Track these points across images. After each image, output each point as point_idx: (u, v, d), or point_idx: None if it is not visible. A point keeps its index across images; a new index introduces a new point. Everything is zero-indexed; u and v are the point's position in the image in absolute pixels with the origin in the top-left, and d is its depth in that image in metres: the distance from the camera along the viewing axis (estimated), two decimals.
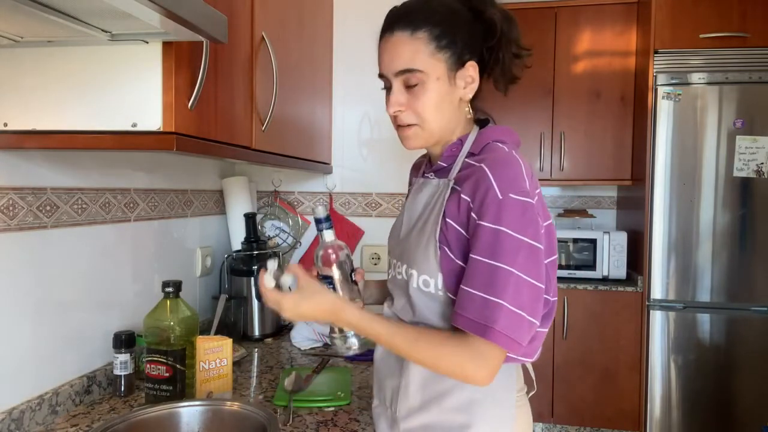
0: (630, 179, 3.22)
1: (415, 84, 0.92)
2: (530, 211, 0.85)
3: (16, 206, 1.08)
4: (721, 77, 2.79)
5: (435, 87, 0.92)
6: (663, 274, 2.87)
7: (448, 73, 0.92)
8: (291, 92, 1.56)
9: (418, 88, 0.92)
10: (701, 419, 2.84)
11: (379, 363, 1.05)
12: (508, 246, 0.83)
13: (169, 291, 1.23)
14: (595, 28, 3.23)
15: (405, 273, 0.98)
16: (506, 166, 0.87)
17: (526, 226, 0.84)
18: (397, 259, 1.02)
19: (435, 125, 0.95)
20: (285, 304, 0.93)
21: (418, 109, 0.93)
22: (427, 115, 0.93)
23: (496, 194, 0.84)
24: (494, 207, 0.84)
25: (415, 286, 0.94)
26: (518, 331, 0.83)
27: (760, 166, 2.75)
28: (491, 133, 0.97)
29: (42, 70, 0.96)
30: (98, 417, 1.17)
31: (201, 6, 0.82)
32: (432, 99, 0.92)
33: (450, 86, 0.93)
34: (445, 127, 0.96)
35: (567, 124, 3.28)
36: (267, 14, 1.36)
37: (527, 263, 0.83)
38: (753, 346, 2.78)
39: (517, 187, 0.85)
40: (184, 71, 0.95)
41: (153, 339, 1.20)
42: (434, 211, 0.94)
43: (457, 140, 0.98)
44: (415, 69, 0.91)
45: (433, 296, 0.93)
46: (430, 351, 0.87)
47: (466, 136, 0.98)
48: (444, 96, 0.93)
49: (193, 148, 1.01)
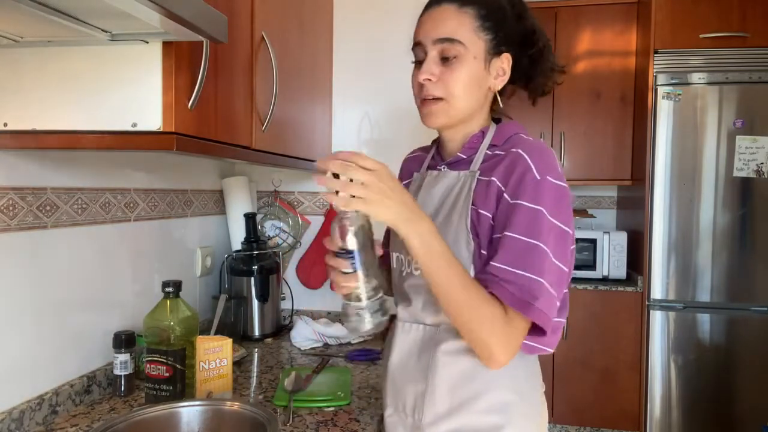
0: (630, 179, 3.22)
1: (451, 57, 0.91)
2: (566, 197, 0.86)
3: (16, 206, 1.08)
4: (721, 77, 2.79)
5: (471, 65, 0.91)
6: (663, 274, 2.87)
7: (485, 55, 0.93)
8: (291, 92, 1.56)
9: (454, 62, 0.91)
10: (701, 419, 2.83)
11: (397, 369, 1.00)
12: (545, 227, 0.83)
13: (169, 291, 1.23)
14: (595, 28, 3.22)
15: None
16: (543, 152, 0.88)
17: (561, 210, 0.85)
18: None
19: (462, 104, 0.93)
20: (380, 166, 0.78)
21: (450, 82, 0.91)
22: (457, 91, 0.92)
23: (534, 175, 0.84)
24: (532, 187, 0.84)
25: None
26: (552, 311, 0.83)
27: (760, 166, 2.75)
28: (513, 127, 0.98)
29: (42, 70, 0.96)
30: (98, 417, 1.17)
31: (201, 6, 0.82)
32: (466, 75, 0.91)
33: (484, 70, 0.93)
34: (469, 110, 0.95)
35: (567, 124, 3.28)
36: (267, 14, 1.36)
37: (558, 247, 0.84)
38: (753, 346, 2.78)
39: (555, 171, 0.86)
40: (184, 71, 0.95)
41: (153, 339, 1.20)
42: (459, 202, 0.92)
43: (479, 132, 0.97)
44: (456, 39, 0.90)
45: None
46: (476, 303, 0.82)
47: (487, 128, 0.98)
48: (477, 77, 0.93)
49: (193, 148, 1.01)
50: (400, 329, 1.01)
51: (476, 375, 0.91)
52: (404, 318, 1.00)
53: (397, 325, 1.02)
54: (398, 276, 1.03)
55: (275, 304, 1.87)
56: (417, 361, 0.96)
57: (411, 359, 0.97)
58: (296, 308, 2.04)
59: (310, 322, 1.77)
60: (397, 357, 1.00)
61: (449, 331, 0.93)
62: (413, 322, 0.98)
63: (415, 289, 0.97)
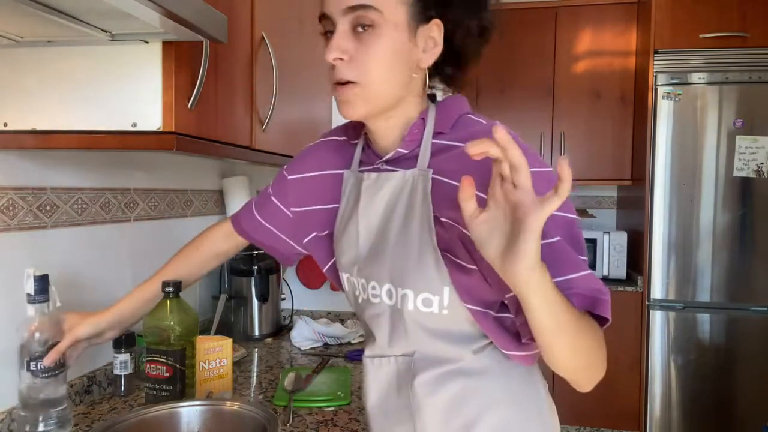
0: (630, 179, 3.22)
1: (366, 27, 0.72)
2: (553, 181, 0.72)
3: (16, 206, 1.08)
4: (721, 77, 2.79)
5: (391, 37, 0.72)
6: (663, 274, 2.87)
7: (409, 22, 0.73)
8: (291, 92, 1.56)
9: (368, 34, 0.72)
10: (701, 419, 2.83)
11: (378, 412, 0.86)
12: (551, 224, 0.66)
13: (169, 291, 1.22)
14: (595, 28, 3.22)
15: (390, 295, 0.80)
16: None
17: None
18: (368, 279, 0.82)
19: (382, 88, 0.74)
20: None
21: (365, 61, 0.72)
22: (374, 72, 0.73)
23: None
24: None
25: (411, 309, 0.77)
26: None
27: (760, 166, 2.75)
28: (456, 105, 0.81)
29: (42, 70, 0.96)
30: (98, 417, 1.17)
31: (201, 6, 0.82)
32: (385, 51, 0.72)
33: (408, 42, 0.74)
34: (393, 94, 0.76)
35: (567, 124, 3.28)
36: (267, 14, 1.36)
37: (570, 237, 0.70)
38: (753, 346, 2.78)
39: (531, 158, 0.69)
40: (184, 71, 0.95)
41: (153, 339, 1.20)
42: (414, 210, 0.76)
43: (419, 120, 0.79)
44: (369, 5, 0.71)
45: (436, 317, 0.77)
46: (589, 336, 0.65)
47: (426, 112, 0.80)
48: (399, 52, 0.73)
49: (193, 148, 1.01)
50: (369, 366, 0.87)
51: (468, 397, 0.80)
52: (371, 353, 0.87)
53: (365, 361, 0.89)
54: (354, 301, 0.89)
55: (275, 304, 1.87)
56: (397, 399, 0.84)
57: (390, 398, 0.85)
58: (296, 308, 2.04)
59: (310, 322, 1.77)
60: (375, 398, 0.87)
61: (424, 359, 0.81)
62: (381, 356, 0.85)
63: (376, 321, 0.83)
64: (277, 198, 1.00)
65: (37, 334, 1.00)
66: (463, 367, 0.80)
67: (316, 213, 0.94)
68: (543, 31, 3.26)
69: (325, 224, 0.93)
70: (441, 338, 0.78)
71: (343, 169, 0.89)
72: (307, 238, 0.97)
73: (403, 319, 0.79)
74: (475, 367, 0.80)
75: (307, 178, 0.95)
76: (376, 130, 0.81)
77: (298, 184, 0.97)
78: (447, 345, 0.79)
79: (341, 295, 2.04)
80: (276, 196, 1.00)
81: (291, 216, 0.99)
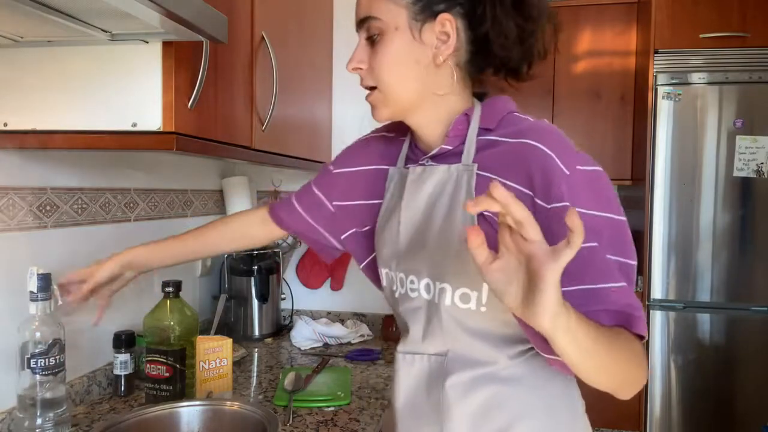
0: (630, 179, 3.22)
1: (375, 36, 0.77)
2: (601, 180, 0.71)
3: (16, 206, 1.08)
4: (721, 77, 2.79)
5: (393, 40, 0.75)
6: (663, 274, 2.87)
7: (410, 22, 0.75)
8: (291, 92, 1.56)
9: (377, 42, 0.77)
10: (701, 419, 2.83)
11: (406, 410, 0.84)
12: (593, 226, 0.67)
13: (169, 291, 1.23)
14: (595, 28, 3.22)
15: (428, 290, 0.79)
16: (557, 136, 0.73)
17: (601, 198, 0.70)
18: (407, 274, 0.82)
19: (398, 89, 0.77)
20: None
21: (376, 67, 0.77)
22: (384, 75, 0.77)
23: (562, 170, 0.68)
24: (566, 186, 0.68)
25: (448, 304, 0.76)
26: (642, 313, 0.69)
27: (760, 166, 2.75)
28: (502, 104, 0.81)
29: (42, 70, 0.96)
30: (98, 417, 1.17)
31: (201, 6, 0.82)
32: (390, 54, 0.76)
33: (414, 40, 0.76)
34: (410, 92, 0.78)
35: (567, 124, 3.28)
36: (267, 14, 1.36)
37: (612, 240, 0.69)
38: (753, 346, 2.78)
39: (578, 156, 0.71)
40: (184, 71, 0.95)
41: (153, 339, 1.20)
42: (458, 205, 0.76)
43: (462, 115, 0.79)
44: (371, 16, 0.76)
45: (473, 314, 0.75)
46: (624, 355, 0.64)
47: (472, 109, 0.80)
48: (405, 52, 0.76)
49: (193, 148, 1.01)
50: (401, 362, 0.85)
51: (501, 404, 0.77)
52: (404, 349, 0.84)
53: (397, 357, 0.86)
54: (390, 296, 0.88)
55: (275, 304, 1.87)
56: (427, 399, 0.81)
57: (419, 397, 0.82)
58: (296, 308, 2.04)
59: (310, 322, 1.77)
60: (404, 396, 0.84)
61: (457, 360, 0.79)
62: (414, 353, 0.83)
63: (412, 314, 0.82)
64: (320, 190, 1.00)
65: (37, 333, 1.00)
66: (497, 372, 0.77)
67: (358, 208, 0.94)
68: None
69: (366, 220, 0.93)
70: (476, 337, 0.76)
71: (389, 165, 0.90)
72: (345, 234, 0.97)
73: (440, 313, 0.77)
74: (510, 373, 0.77)
75: (353, 172, 0.96)
76: (416, 127, 0.83)
77: (344, 177, 0.97)
78: (482, 345, 0.76)
79: (341, 295, 2.04)
80: (319, 188, 1.00)
81: (333, 210, 0.98)
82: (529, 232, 0.51)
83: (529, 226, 0.50)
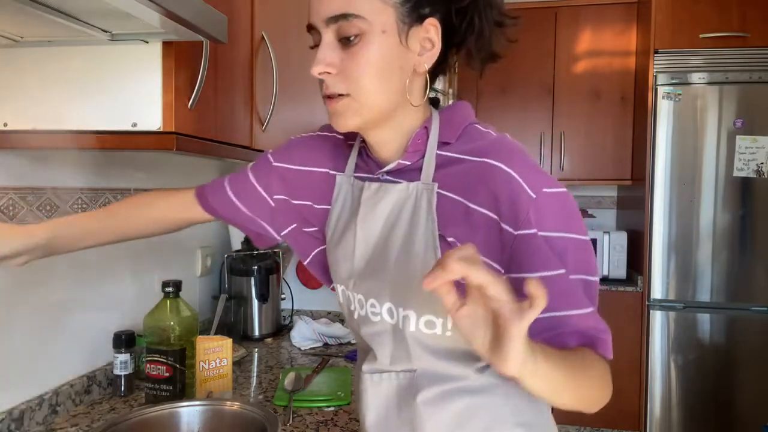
0: (630, 179, 3.23)
1: (352, 37, 0.68)
2: (567, 203, 0.69)
3: (16, 206, 1.08)
4: (721, 77, 2.79)
5: (378, 43, 0.68)
6: (663, 274, 2.87)
7: (398, 25, 0.68)
8: (291, 92, 1.56)
9: (356, 44, 0.68)
10: (701, 419, 2.84)
11: (377, 428, 0.80)
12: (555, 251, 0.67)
13: (169, 291, 1.23)
14: (595, 28, 3.23)
15: (391, 314, 0.76)
16: (519, 156, 0.69)
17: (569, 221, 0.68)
18: (367, 296, 0.78)
19: (374, 98, 0.70)
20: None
21: (353, 72, 0.68)
22: (365, 82, 0.68)
23: (528, 194, 0.66)
24: (533, 210, 0.66)
25: (413, 330, 0.74)
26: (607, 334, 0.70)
27: (760, 166, 2.75)
28: (461, 114, 0.76)
29: (42, 70, 0.96)
30: (98, 417, 1.17)
31: (201, 6, 0.82)
32: (374, 59, 0.68)
33: (400, 46, 0.69)
34: (387, 104, 0.71)
35: (567, 124, 3.28)
36: (267, 14, 1.36)
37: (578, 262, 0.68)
38: (753, 346, 2.78)
39: (544, 178, 0.68)
40: (184, 71, 0.95)
41: (153, 339, 1.21)
42: (419, 227, 0.72)
43: (421, 129, 0.74)
44: (352, 14, 0.67)
45: (439, 338, 0.73)
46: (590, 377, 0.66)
47: (430, 120, 0.75)
48: (390, 58, 0.69)
49: (193, 148, 1.01)
50: (368, 382, 0.80)
51: (474, 415, 0.76)
52: (370, 369, 0.80)
53: (362, 377, 0.81)
54: (348, 315, 0.84)
55: (275, 304, 1.87)
56: (398, 418, 0.78)
57: (390, 417, 0.79)
58: (296, 308, 2.04)
59: (310, 322, 1.77)
60: (374, 414, 0.80)
61: (426, 376, 0.76)
62: (381, 371, 0.79)
63: (377, 338, 0.78)
64: (257, 181, 0.91)
65: None
66: (467, 385, 0.76)
67: (303, 208, 0.89)
68: (543, 31, 3.26)
69: (312, 221, 0.89)
70: (444, 357, 0.75)
71: (337, 170, 0.85)
72: (287, 230, 0.91)
73: (405, 339, 0.75)
74: (480, 384, 0.76)
75: (298, 170, 0.89)
76: (374, 139, 0.77)
77: (288, 173, 0.89)
78: (450, 364, 0.75)
79: None
80: (257, 178, 0.91)
81: (272, 204, 0.90)
82: (494, 292, 0.50)
83: (491, 288, 0.49)
